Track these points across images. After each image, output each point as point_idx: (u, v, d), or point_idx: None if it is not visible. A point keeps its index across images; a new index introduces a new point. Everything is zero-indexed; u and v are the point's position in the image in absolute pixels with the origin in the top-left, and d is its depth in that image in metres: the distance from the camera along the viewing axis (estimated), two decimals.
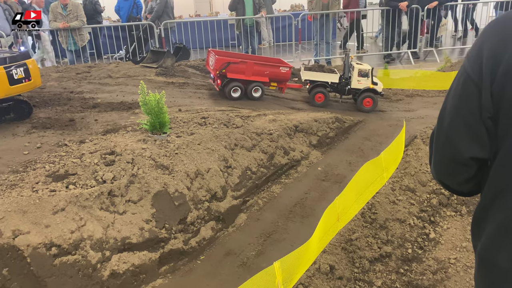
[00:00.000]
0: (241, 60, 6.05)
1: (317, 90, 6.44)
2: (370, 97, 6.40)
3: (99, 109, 5.20)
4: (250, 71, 6.02)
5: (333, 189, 4.37)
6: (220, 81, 6.01)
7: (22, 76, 4.52)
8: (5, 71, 4.34)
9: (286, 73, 6.25)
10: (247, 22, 10.69)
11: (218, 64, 5.92)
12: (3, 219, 2.94)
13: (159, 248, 3.42)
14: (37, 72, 4.75)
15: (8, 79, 4.37)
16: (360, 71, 6.37)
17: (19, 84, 4.50)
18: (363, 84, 6.39)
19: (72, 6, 9.60)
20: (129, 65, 7.66)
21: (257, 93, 6.14)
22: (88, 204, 3.25)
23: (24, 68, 4.53)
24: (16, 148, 3.95)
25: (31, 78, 4.63)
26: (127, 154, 3.75)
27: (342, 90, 6.57)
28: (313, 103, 6.45)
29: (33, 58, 4.80)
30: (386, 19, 10.92)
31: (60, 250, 2.96)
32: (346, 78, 6.52)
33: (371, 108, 6.42)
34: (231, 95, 6.02)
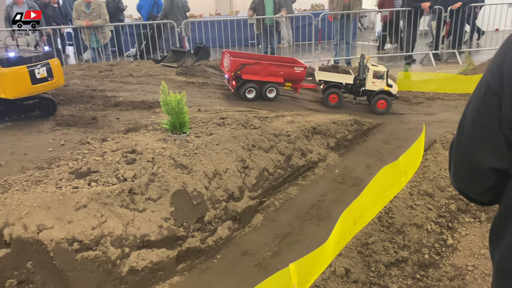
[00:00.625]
0: (256, 62, 6.08)
1: (331, 90, 6.43)
2: (384, 99, 6.37)
3: (120, 107, 5.31)
4: (265, 72, 6.04)
5: (350, 192, 4.37)
6: (235, 82, 6.06)
7: (45, 76, 4.63)
8: (27, 70, 4.46)
9: (300, 73, 6.25)
10: (267, 22, 10.70)
11: (233, 65, 5.96)
12: (28, 214, 3.05)
13: (177, 246, 3.48)
14: (60, 71, 4.87)
15: (31, 78, 4.50)
16: (375, 73, 6.34)
17: (42, 83, 4.63)
18: (377, 86, 6.36)
19: (95, 5, 9.78)
20: (150, 64, 7.78)
21: (271, 93, 6.16)
22: (109, 201, 3.34)
23: (47, 67, 4.65)
24: (41, 145, 4.07)
25: (54, 77, 4.74)
26: (147, 153, 3.82)
27: (356, 91, 6.55)
28: (327, 104, 6.44)
29: (56, 58, 4.92)
30: (407, 20, 10.79)
31: (82, 246, 3.05)
32: (361, 79, 6.50)
33: (384, 110, 6.38)
34: (246, 96, 6.06)
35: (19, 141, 4.18)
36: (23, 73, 4.43)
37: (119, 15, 11.92)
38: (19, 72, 4.40)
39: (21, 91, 4.49)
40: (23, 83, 4.45)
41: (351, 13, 10.46)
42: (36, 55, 4.65)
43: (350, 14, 10.46)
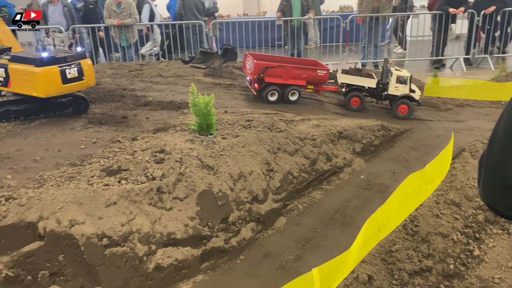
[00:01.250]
0: (279, 65, 6.10)
1: (353, 94, 6.40)
2: (406, 104, 6.31)
3: (150, 107, 5.43)
4: (287, 74, 6.05)
5: (375, 198, 4.35)
6: (258, 85, 6.10)
7: (75, 76, 4.78)
8: (59, 70, 4.61)
9: (323, 76, 6.24)
10: (294, 24, 10.71)
11: (256, 68, 5.98)
12: (61, 209, 3.18)
13: (202, 245, 3.55)
14: (91, 72, 5.00)
15: (62, 78, 4.64)
16: (399, 77, 6.28)
17: (72, 83, 4.77)
18: (400, 91, 6.30)
19: (125, 4, 10.02)
20: (179, 64, 7.91)
21: (294, 96, 6.17)
22: (138, 199, 3.44)
23: (78, 68, 4.79)
24: (74, 142, 4.22)
25: (84, 77, 4.88)
26: (176, 153, 3.91)
27: (378, 95, 6.50)
28: (349, 107, 6.42)
29: (88, 58, 5.05)
30: (438, 23, 10.59)
31: (111, 241, 3.16)
32: (383, 83, 6.44)
33: (406, 115, 6.32)
34: (268, 99, 6.09)
35: (53, 138, 4.34)
36: (55, 73, 4.59)
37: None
38: (50, 72, 4.55)
39: (52, 90, 4.64)
40: (54, 83, 4.60)
41: (380, 16, 10.35)
42: (68, 56, 4.80)
43: (379, 17, 10.35)
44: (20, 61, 4.67)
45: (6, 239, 3.09)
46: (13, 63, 4.71)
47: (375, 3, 10.28)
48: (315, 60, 7.10)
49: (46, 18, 10.19)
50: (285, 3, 10.64)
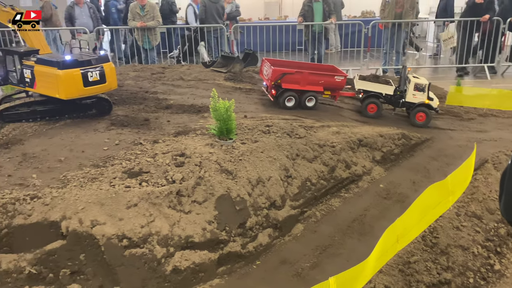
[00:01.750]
0: (296, 71, 6.11)
1: (370, 100, 6.36)
2: (424, 112, 6.23)
3: (171, 110, 5.51)
4: (305, 80, 6.05)
5: (394, 208, 4.31)
6: (275, 91, 6.12)
7: (97, 79, 4.84)
8: (80, 73, 4.69)
9: (341, 82, 6.21)
10: (315, 29, 10.69)
11: (274, 75, 5.99)
12: (84, 209, 3.25)
13: (219, 249, 3.58)
14: (113, 75, 5.07)
15: (83, 81, 4.73)
16: (417, 85, 6.22)
17: (93, 86, 4.84)
18: (418, 99, 6.23)
19: (149, 7, 10.20)
20: (200, 68, 7.99)
21: (311, 102, 6.17)
22: (158, 201, 3.49)
23: (100, 71, 4.86)
24: (97, 143, 4.32)
25: (106, 81, 4.95)
26: (195, 157, 3.96)
27: (396, 102, 6.44)
28: (365, 114, 6.38)
29: (111, 62, 5.13)
30: (463, 30, 10.43)
31: (130, 243, 3.21)
32: (401, 90, 6.38)
33: (423, 123, 6.24)
34: (285, 105, 6.10)
35: (77, 139, 4.44)
36: (76, 75, 4.67)
37: (172, 17, 12.31)
38: (72, 74, 4.65)
39: (74, 93, 4.73)
40: (75, 85, 4.69)
41: (403, 22, 10.25)
42: (91, 59, 4.88)
43: (401, 23, 10.26)
44: (45, 63, 4.80)
45: (31, 237, 3.18)
46: (38, 65, 4.84)
47: (397, 9, 10.18)
48: (332, 65, 7.08)
49: (72, 19, 10.44)
50: (306, 8, 10.64)
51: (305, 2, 10.89)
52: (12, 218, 3.19)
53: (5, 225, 3.17)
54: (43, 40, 5.23)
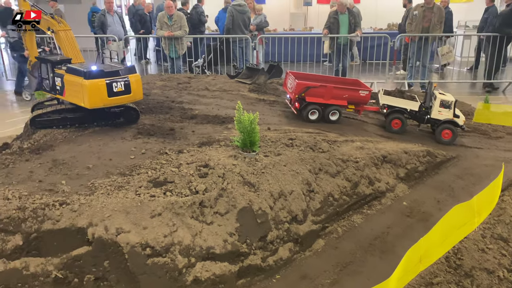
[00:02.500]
0: (321, 85, 6.13)
1: (395, 116, 6.29)
2: (449, 129, 6.12)
3: (196, 120, 5.59)
4: (329, 94, 6.06)
5: (418, 227, 4.24)
6: (298, 104, 6.14)
7: (122, 90, 4.94)
8: (105, 83, 4.81)
9: (365, 97, 6.19)
10: (341, 41, 10.70)
11: (298, 88, 6.03)
12: (110, 217, 3.34)
13: (239, 261, 3.60)
14: (138, 86, 5.14)
15: (108, 91, 4.84)
16: (443, 102, 6.12)
17: (117, 97, 4.94)
18: (443, 115, 6.13)
19: (177, 17, 10.43)
20: (225, 79, 8.09)
21: (334, 116, 6.16)
22: (181, 211, 3.54)
23: (125, 82, 4.96)
24: (124, 152, 4.42)
25: (131, 92, 5.03)
26: (219, 168, 4.00)
27: (421, 118, 6.35)
28: (389, 129, 6.30)
29: (138, 74, 5.21)
30: (492, 45, 10.25)
31: (153, 251, 3.27)
32: (426, 106, 6.28)
33: (449, 141, 6.13)
34: (309, 118, 6.12)
35: (105, 146, 4.56)
36: (101, 85, 4.79)
37: (200, 27, 12.54)
38: (97, 84, 4.78)
39: (98, 102, 4.85)
40: (100, 95, 4.80)
41: (430, 36, 10.16)
42: (117, 70, 4.99)
43: (428, 37, 10.16)
44: (73, 72, 4.96)
45: (58, 242, 3.28)
46: (68, 74, 5.01)
47: (425, 23, 10.11)
48: (356, 79, 7.07)
49: (104, 27, 10.74)
50: (332, 20, 10.67)
51: (331, 14, 10.92)
52: (41, 222, 3.30)
53: (35, 229, 3.28)
54: (75, 49, 5.40)
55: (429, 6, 10.01)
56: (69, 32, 5.36)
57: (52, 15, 5.36)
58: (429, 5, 10.00)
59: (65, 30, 5.33)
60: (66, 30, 5.34)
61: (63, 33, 5.29)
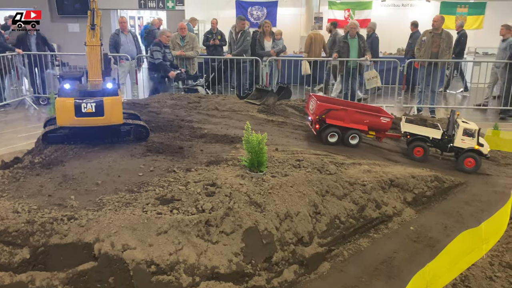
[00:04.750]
0: (342, 108, 6.18)
1: (417, 143, 6.28)
2: (473, 158, 6.08)
3: (205, 139, 5.65)
4: (349, 118, 6.11)
5: (425, 252, 4.20)
6: (319, 125, 6.18)
7: (91, 111, 4.85)
8: (73, 102, 4.80)
9: (386, 124, 6.22)
10: (350, 65, 10.81)
11: (319, 109, 6.13)
12: (116, 233, 3.36)
13: (243, 282, 3.57)
14: (116, 109, 4.94)
15: (75, 111, 4.81)
16: (466, 130, 6.10)
17: (86, 117, 4.86)
18: (467, 144, 6.10)
19: (189, 38, 10.66)
20: (235, 99, 8.20)
21: (354, 140, 6.19)
22: (187, 230, 3.55)
23: (96, 104, 4.85)
24: (133, 169, 4.47)
25: (105, 114, 4.89)
26: (226, 187, 4.03)
27: (443, 147, 6.32)
28: (412, 157, 6.29)
29: (118, 97, 5.01)
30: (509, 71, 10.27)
31: (158, 269, 3.27)
32: (449, 135, 6.27)
33: (472, 170, 6.08)
34: (328, 140, 6.15)
35: (114, 163, 4.62)
36: (69, 104, 4.79)
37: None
38: (65, 102, 4.80)
39: (65, 121, 4.86)
40: (67, 114, 4.80)
41: (439, 62, 10.22)
42: (90, 91, 4.93)
43: (438, 62, 10.22)
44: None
45: (64, 257, 3.30)
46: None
47: (434, 49, 10.19)
48: (379, 107, 7.14)
49: (117, 46, 10.97)
50: (342, 44, 10.82)
51: (341, 38, 11.09)
52: (49, 237, 3.33)
53: (42, 243, 3.31)
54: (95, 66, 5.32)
55: (437, 32, 10.10)
56: (95, 48, 5.32)
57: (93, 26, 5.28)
58: (437, 31, 10.09)
59: (93, 46, 5.30)
60: (94, 46, 5.31)
61: (89, 48, 5.29)
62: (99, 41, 5.26)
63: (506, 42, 11.25)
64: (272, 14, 18.00)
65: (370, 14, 18.21)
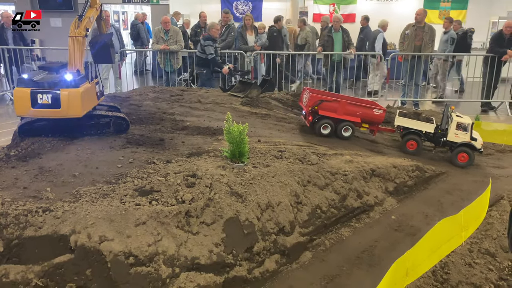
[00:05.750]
0: (334, 99, 6.21)
1: (410, 137, 6.26)
2: (466, 152, 6.05)
3: (187, 131, 5.59)
4: (342, 110, 6.12)
5: (405, 241, 4.22)
6: (312, 117, 6.19)
7: (48, 103, 4.67)
8: (29, 92, 4.64)
9: (379, 116, 6.21)
10: (335, 59, 10.84)
11: (311, 101, 6.15)
12: (93, 224, 3.29)
13: (224, 272, 3.55)
14: (74, 102, 4.72)
15: (31, 101, 4.65)
16: (459, 124, 6.08)
17: (43, 109, 4.69)
18: (460, 138, 6.08)
19: (173, 32, 10.53)
20: (218, 92, 8.13)
21: (347, 132, 6.19)
22: (166, 221, 3.51)
23: (53, 95, 4.67)
24: (112, 160, 4.39)
25: (62, 107, 4.69)
26: (206, 178, 3.99)
27: (437, 141, 6.30)
28: (404, 150, 6.27)
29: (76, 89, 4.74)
30: (490, 65, 10.39)
31: (137, 261, 3.22)
32: (442, 129, 6.25)
33: (465, 164, 6.05)
34: (321, 132, 6.17)
35: (93, 155, 4.53)
36: (25, 94, 4.63)
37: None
38: (21, 92, 4.64)
39: (23, 111, 4.71)
40: (24, 104, 4.65)
41: (422, 55, 10.30)
42: (47, 81, 4.74)
43: (421, 56, 10.30)
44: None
45: (40, 249, 3.23)
46: None
47: (417, 42, 10.28)
48: (373, 101, 7.19)
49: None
50: (326, 38, 10.83)
51: (325, 32, 11.09)
52: (23, 229, 3.25)
53: (16, 236, 3.23)
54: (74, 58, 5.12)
55: (420, 26, 10.19)
56: (76, 39, 5.07)
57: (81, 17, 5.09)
58: (420, 24, 10.18)
59: (74, 37, 5.05)
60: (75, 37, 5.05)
61: (71, 39, 5.05)
62: (83, 32, 5.09)
63: (448, 34, 11.43)
64: (257, 8, 17.94)
65: (355, 8, 18.29)
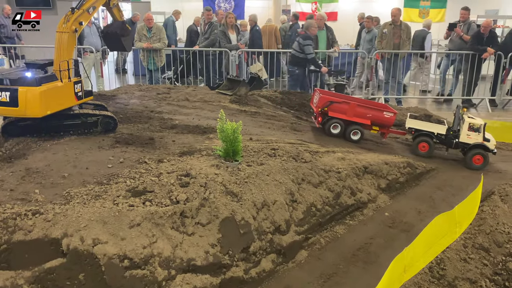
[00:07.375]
0: (343, 100, 6.23)
1: (422, 139, 6.23)
2: (480, 154, 6.00)
3: (176, 130, 5.49)
4: (352, 112, 6.12)
5: (400, 237, 4.23)
6: (321, 118, 6.24)
7: (6, 101, 4.48)
8: None
9: (389, 119, 6.20)
10: (319, 56, 10.85)
11: (321, 101, 6.18)
12: (86, 227, 3.18)
13: (221, 273, 3.49)
14: (33, 101, 4.51)
15: None
16: (471, 125, 6.05)
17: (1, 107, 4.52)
18: (472, 139, 6.03)
19: (156, 29, 10.36)
20: (206, 90, 8.04)
21: (355, 136, 6.18)
22: (161, 222, 3.42)
23: (11, 93, 4.48)
24: (101, 161, 4.27)
25: (19, 105, 4.50)
26: (201, 177, 3.90)
27: (449, 142, 6.25)
28: (416, 152, 6.22)
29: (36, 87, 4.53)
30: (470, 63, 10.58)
31: (132, 263, 3.13)
32: (454, 130, 6.21)
33: (480, 166, 5.97)
34: (331, 131, 6.18)
35: (81, 155, 4.40)
36: None
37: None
38: None
39: None
40: None
41: (399, 53, 10.46)
42: (11, 79, 4.54)
43: (399, 54, 10.46)
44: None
45: (30, 254, 3.10)
46: None
47: (395, 40, 10.47)
48: (385, 104, 7.21)
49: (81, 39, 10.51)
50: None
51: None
52: (12, 233, 3.11)
53: (5, 240, 3.09)
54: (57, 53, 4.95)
55: (397, 24, 10.42)
56: (63, 35, 4.91)
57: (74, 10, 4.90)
58: (396, 23, 10.41)
59: (62, 32, 4.89)
60: (62, 32, 4.90)
61: (58, 34, 4.88)
62: (72, 27, 4.90)
63: (371, 33, 11.67)
64: (240, 6, 17.86)
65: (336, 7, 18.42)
